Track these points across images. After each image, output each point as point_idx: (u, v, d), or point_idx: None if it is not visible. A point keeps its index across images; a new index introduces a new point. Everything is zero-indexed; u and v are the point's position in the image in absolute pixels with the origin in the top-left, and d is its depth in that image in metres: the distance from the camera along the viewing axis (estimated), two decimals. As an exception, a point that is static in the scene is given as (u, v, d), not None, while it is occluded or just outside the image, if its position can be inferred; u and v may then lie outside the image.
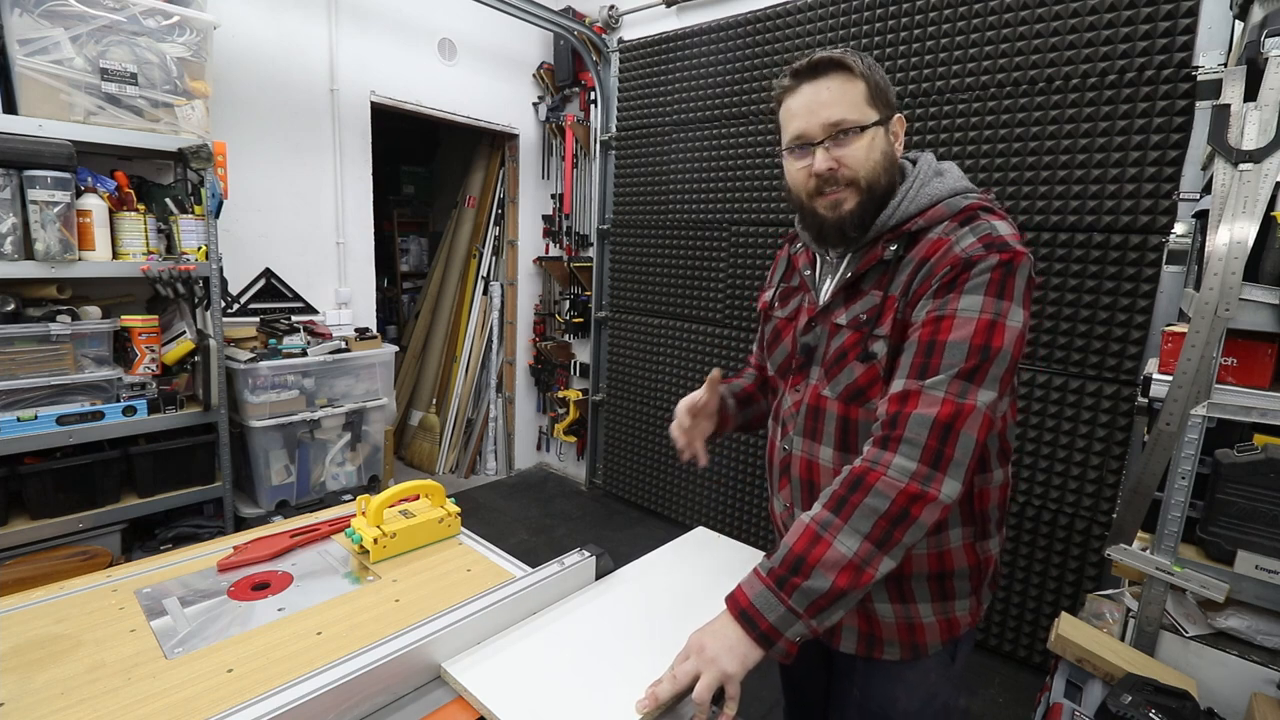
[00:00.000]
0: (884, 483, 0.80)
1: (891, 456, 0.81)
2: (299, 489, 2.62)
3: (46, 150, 1.85)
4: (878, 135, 0.93)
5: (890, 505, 0.79)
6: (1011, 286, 0.84)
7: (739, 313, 3.17)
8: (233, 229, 2.63)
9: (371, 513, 1.24)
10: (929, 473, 0.80)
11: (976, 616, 1.03)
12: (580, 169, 3.88)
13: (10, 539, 1.91)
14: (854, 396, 0.94)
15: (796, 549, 0.81)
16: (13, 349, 1.87)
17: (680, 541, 1.26)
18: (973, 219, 0.90)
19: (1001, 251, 0.85)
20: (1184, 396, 1.45)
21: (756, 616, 0.80)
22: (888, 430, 0.83)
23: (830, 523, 0.81)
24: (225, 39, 2.53)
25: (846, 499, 0.81)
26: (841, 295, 0.99)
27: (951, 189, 0.95)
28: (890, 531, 0.79)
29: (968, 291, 0.84)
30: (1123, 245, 2.14)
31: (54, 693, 0.82)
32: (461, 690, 0.83)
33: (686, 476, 3.48)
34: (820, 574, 0.79)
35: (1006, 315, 0.84)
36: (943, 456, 0.80)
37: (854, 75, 0.91)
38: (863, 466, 0.83)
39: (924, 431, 0.80)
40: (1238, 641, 1.48)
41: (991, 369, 0.82)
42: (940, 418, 0.80)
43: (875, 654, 1.01)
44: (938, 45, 2.45)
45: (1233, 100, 1.45)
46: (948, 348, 0.82)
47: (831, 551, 0.79)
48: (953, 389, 0.81)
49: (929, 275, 0.88)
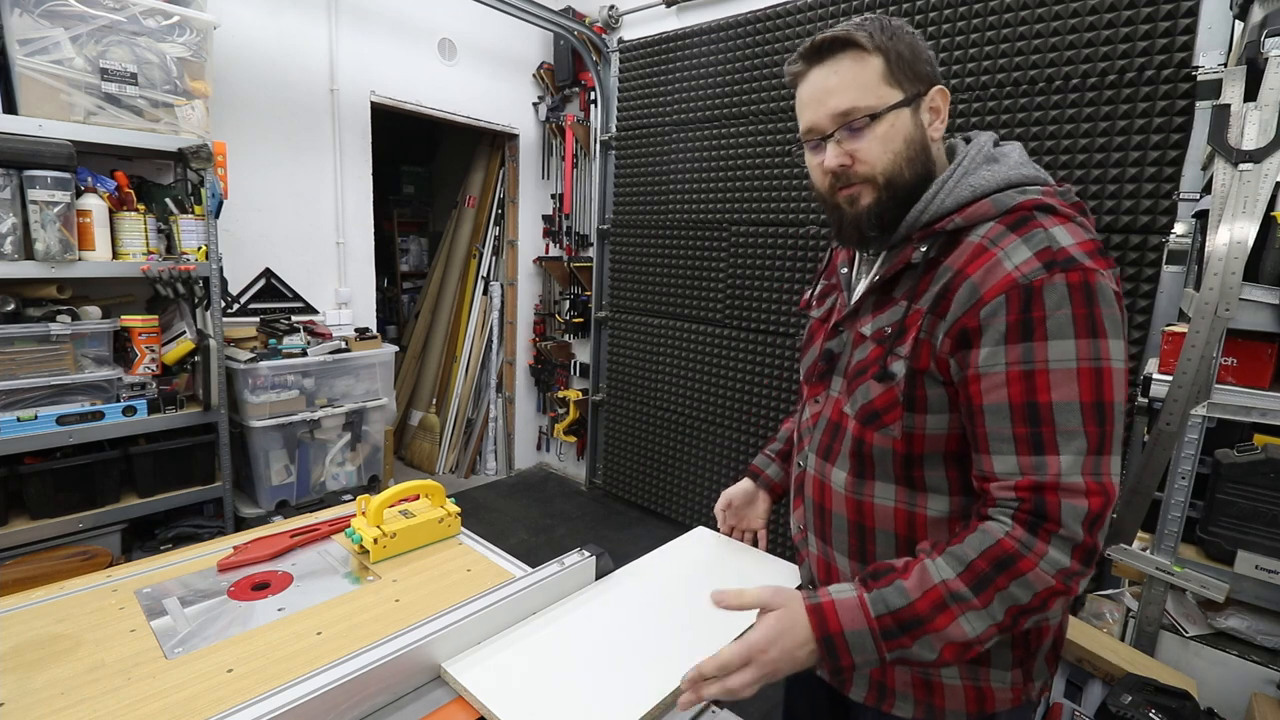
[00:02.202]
0: (1036, 575, 0.70)
1: (1045, 548, 0.70)
2: (299, 489, 2.62)
3: (46, 150, 1.85)
4: (899, 119, 0.79)
5: (1033, 598, 0.70)
6: (1099, 316, 0.71)
7: (739, 313, 3.17)
8: (233, 229, 2.63)
9: (371, 513, 1.24)
10: (1080, 570, 0.71)
11: (1023, 695, 0.86)
12: (580, 169, 3.88)
13: (10, 539, 1.91)
14: (869, 419, 0.83)
15: (919, 608, 0.71)
16: (13, 349, 1.87)
17: (680, 541, 1.26)
18: (1025, 222, 0.74)
19: (1069, 271, 0.70)
20: (1184, 396, 1.45)
21: (843, 651, 0.72)
22: (1034, 517, 0.71)
23: (964, 598, 0.71)
24: (225, 39, 2.53)
25: (990, 579, 0.70)
26: (870, 301, 0.87)
27: (1005, 179, 0.79)
28: (1018, 619, 0.71)
29: (1053, 336, 0.70)
30: (1123, 245, 2.14)
31: (54, 693, 0.82)
32: (461, 690, 0.83)
33: (686, 476, 3.48)
34: (931, 643, 0.71)
35: (1108, 356, 0.71)
36: (1095, 551, 0.71)
37: (866, 52, 0.78)
38: (1012, 547, 0.70)
39: (1078, 526, 0.70)
40: (1238, 641, 1.48)
41: (1115, 430, 0.71)
42: (1094, 509, 0.70)
43: (885, 707, 0.89)
44: (938, 45, 2.45)
45: (1233, 100, 1.45)
46: (1056, 412, 0.70)
47: (954, 627, 0.70)
48: (1088, 468, 0.70)
49: (973, 301, 0.74)
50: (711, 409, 3.32)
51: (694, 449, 3.42)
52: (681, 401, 3.45)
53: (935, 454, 0.81)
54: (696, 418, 3.40)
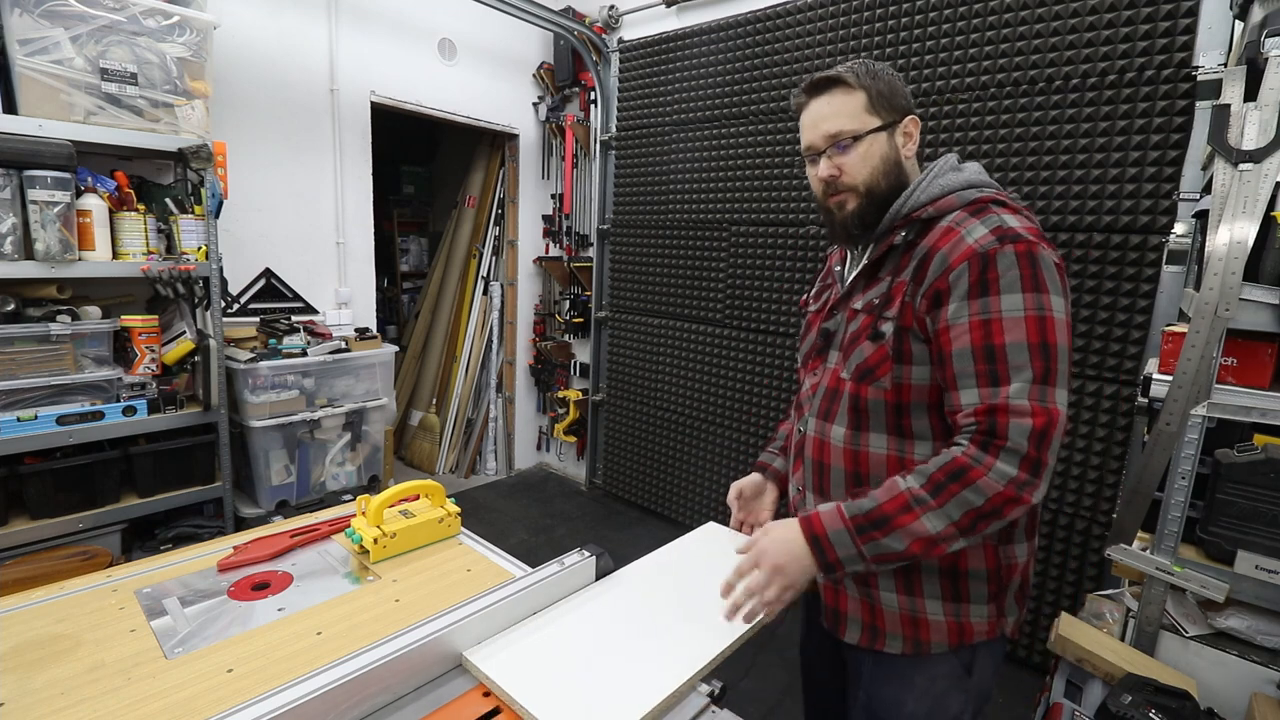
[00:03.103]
0: (985, 482, 0.84)
1: (993, 460, 0.85)
2: (299, 489, 2.62)
3: (46, 150, 1.85)
4: (876, 140, 0.99)
5: (985, 503, 0.84)
6: (1043, 277, 0.88)
7: (739, 313, 3.17)
8: (233, 229, 2.63)
9: (371, 513, 1.24)
10: (1028, 479, 0.84)
11: (997, 628, 1.01)
12: (580, 169, 3.88)
13: (10, 539, 1.91)
14: (864, 375, 0.99)
15: (886, 509, 0.87)
16: (13, 349, 1.87)
17: (692, 536, 1.27)
18: (982, 210, 0.93)
19: (1015, 242, 0.88)
20: (1184, 396, 1.45)
21: (828, 547, 0.89)
22: (986, 435, 0.86)
23: (924, 500, 0.86)
24: (225, 39, 2.53)
25: (945, 486, 0.86)
26: (861, 281, 1.04)
27: (966, 182, 0.98)
28: (976, 523, 0.85)
29: (1004, 291, 0.87)
30: (1123, 245, 2.14)
31: (54, 693, 0.83)
32: (483, 677, 0.85)
33: (686, 476, 3.48)
34: (899, 536, 0.86)
35: (1050, 308, 0.87)
36: (1041, 464, 0.84)
37: (852, 88, 0.99)
38: (964, 460, 0.86)
39: (1024, 440, 0.84)
40: (1238, 641, 1.48)
41: (1059, 367, 0.86)
42: (1038, 426, 0.84)
43: (877, 645, 1.02)
44: (938, 45, 2.45)
45: (1233, 100, 1.45)
46: (1008, 351, 0.86)
47: (918, 524, 0.86)
48: (1034, 394, 0.85)
49: (943, 268, 0.91)
50: (711, 409, 3.32)
51: (694, 449, 3.42)
52: (681, 401, 3.45)
53: (920, 404, 0.96)
54: (696, 418, 3.40)
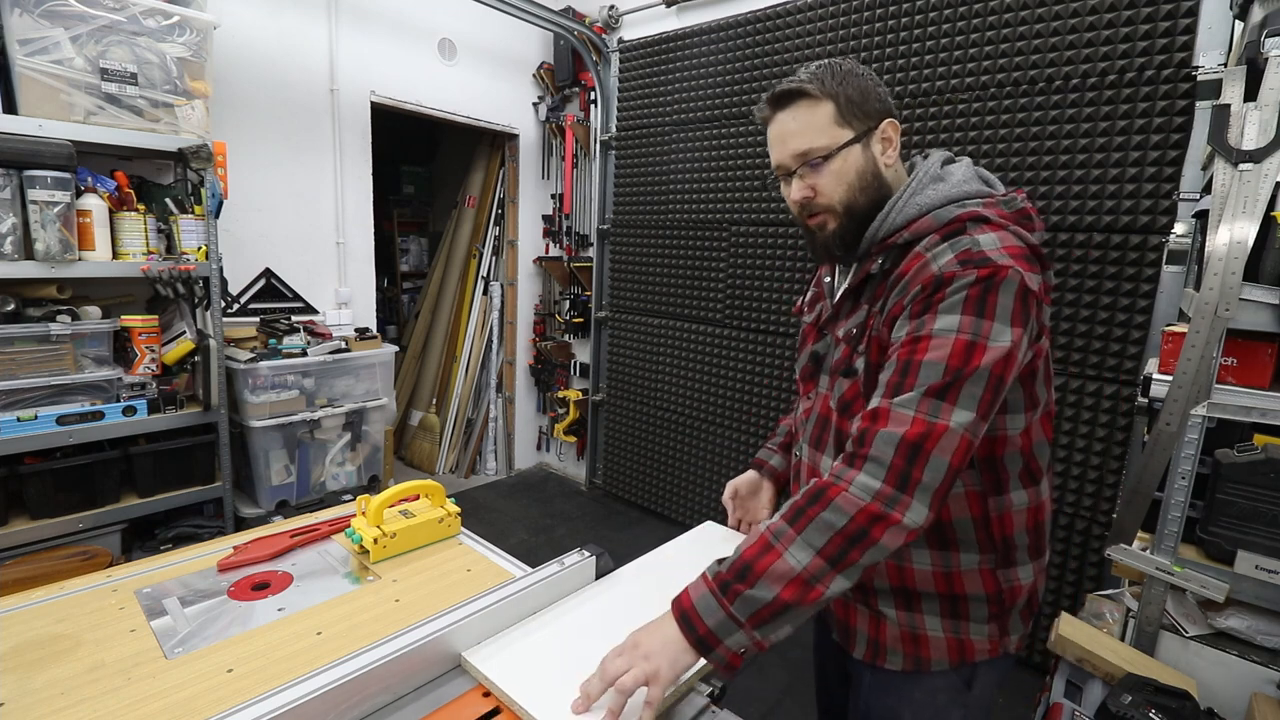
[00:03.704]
0: (844, 498, 0.76)
1: (855, 474, 0.78)
2: (299, 489, 2.62)
3: (46, 150, 1.85)
4: (850, 155, 0.91)
5: (848, 523, 0.75)
6: (993, 304, 0.79)
7: (739, 313, 3.17)
8: (233, 229, 2.63)
9: (371, 513, 1.24)
10: (894, 494, 0.76)
11: (999, 647, 0.96)
12: (580, 169, 3.88)
13: (10, 539, 1.91)
14: (843, 409, 0.96)
15: (746, 555, 0.78)
16: (13, 349, 1.87)
17: (690, 535, 1.27)
18: (957, 233, 0.86)
19: (980, 267, 0.80)
20: (1184, 396, 1.45)
21: (695, 620, 0.77)
22: (855, 447, 0.80)
23: (784, 533, 0.78)
24: (225, 39, 2.53)
25: (804, 510, 0.78)
26: (845, 306, 0.99)
27: (945, 196, 0.90)
28: (846, 550, 0.75)
29: (943, 311, 0.80)
30: (1123, 245, 2.14)
31: (54, 693, 0.82)
32: (482, 678, 0.84)
33: (686, 476, 3.48)
34: (765, 584, 0.76)
35: (988, 335, 0.79)
36: (909, 479, 0.76)
37: (817, 99, 0.90)
38: (826, 480, 0.80)
39: (890, 450, 0.77)
40: (1238, 641, 1.48)
41: (965, 387, 0.77)
42: (908, 436, 0.76)
43: (879, 661, 0.99)
44: (938, 45, 2.45)
45: (1233, 100, 1.45)
46: (923, 367, 0.79)
47: (780, 563, 0.76)
48: (923, 407, 0.77)
49: (903, 294, 0.85)
50: (711, 409, 3.32)
51: (694, 449, 3.42)
52: (681, 401, 3.45)
53: None
54: (696, 417, 3.40)
